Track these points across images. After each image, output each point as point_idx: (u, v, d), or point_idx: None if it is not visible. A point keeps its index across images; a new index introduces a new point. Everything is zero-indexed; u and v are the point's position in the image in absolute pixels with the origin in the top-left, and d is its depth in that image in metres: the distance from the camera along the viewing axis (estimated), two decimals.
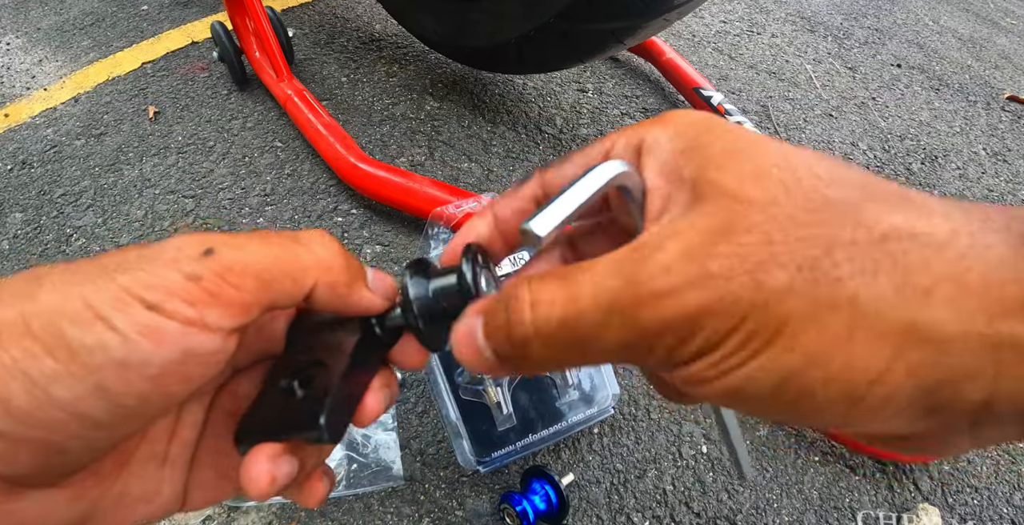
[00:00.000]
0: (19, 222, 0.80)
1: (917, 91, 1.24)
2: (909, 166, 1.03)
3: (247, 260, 0.18)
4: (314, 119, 0.87)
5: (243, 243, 0.18)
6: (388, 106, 1.02)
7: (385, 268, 0.76)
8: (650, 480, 0.59)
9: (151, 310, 0.16)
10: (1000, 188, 1.02)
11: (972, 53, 1.41)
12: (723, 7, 1.46)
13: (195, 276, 0.17)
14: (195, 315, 0.16)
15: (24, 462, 0.16)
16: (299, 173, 0.88)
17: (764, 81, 1.20)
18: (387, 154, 0.93)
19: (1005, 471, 0.64)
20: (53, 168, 0.88)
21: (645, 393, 0.66)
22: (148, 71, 1.06)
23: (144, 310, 0.16)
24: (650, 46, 1.11)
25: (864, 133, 1.10)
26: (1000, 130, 1.17)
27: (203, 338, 0.17)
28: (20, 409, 0.15)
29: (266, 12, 0.93)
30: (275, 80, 0.95)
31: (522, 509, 0.52)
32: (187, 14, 1.22)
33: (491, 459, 0.55)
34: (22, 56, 1.11)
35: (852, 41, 1.40)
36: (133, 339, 0.16)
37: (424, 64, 1.12)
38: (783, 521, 0.58)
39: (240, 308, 0.17)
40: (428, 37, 0.97)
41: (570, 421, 0.58)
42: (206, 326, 0.17)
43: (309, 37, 1.17)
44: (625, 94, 1.10)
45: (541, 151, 0.96)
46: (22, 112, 0.98)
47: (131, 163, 0.89)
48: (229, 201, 0.83)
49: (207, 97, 1.01)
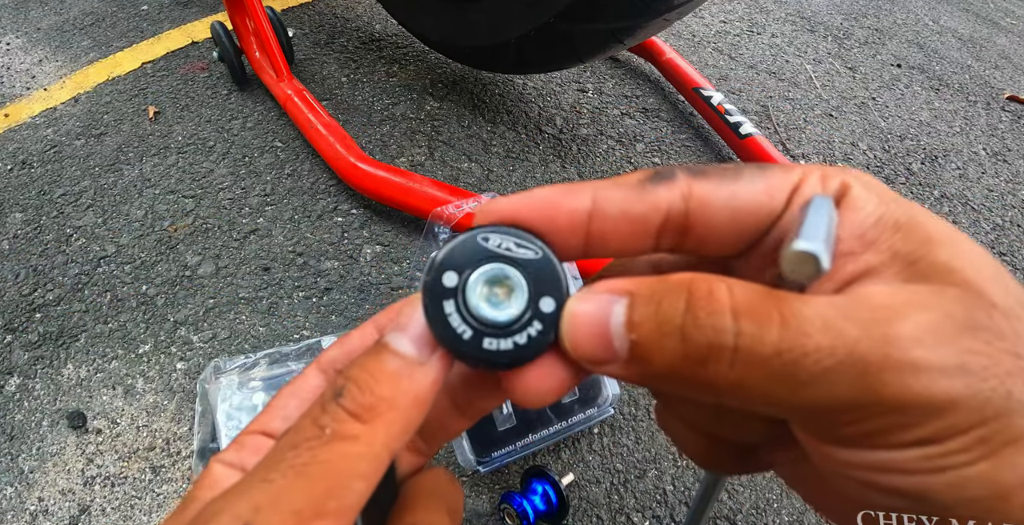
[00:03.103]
0: (19, 222, 0.80)
1: (917, 91, 1.24)
2: (909, 166, 1.03)
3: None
4: (314, 119, 0.87)
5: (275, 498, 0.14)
6: (388, 106, 1.02)
7: (385, 268, 0.76)
8: (650, 480, 0.59)
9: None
10: (1000, 188, 1.02)
11: (972, 53, 1.41)
12: (723, 7, 1.46)
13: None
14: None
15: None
16: (299, 173, 0.88)
17: (764, 81, 1.20)
18: (387, 154, 0.93)
19: None
20: (53, 168, 0.88)
21: (645, 393, 0.66)
22: (148, 71, 1.06)
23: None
24: (650, 46, 1.11)
25: (864, 133, 1.10)
26: (1000, 130, 1.17)
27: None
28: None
29: (266, 12, 0.93)
30: (275, 80, 0.95)
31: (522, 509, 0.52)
32: (187, 14, 1.22)
33: (491, 459, 0.55)
34: (22, 56, 1.11)
35: (852, 41, 1.40)
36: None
37: (424, 64, 1.12)
38: (783, 521, 0.58)
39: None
40: (428, 37, 0.97)
41: (570, 421, 0.58)
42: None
43: (309, 37, 1.17)
44: (625, 94, 1.10)
45: (541, 151, 0.96)
46: (22, 112, 0.98)
47: (131, 163, 0.89)
48: (229, 201, 0.83)
49: (207, 97, 1.01)
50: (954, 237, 0.15)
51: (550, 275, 0.16)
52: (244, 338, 0.68)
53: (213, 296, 0.72)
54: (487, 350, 0.16)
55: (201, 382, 0.61)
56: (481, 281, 0.16)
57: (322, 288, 0.73)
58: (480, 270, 0.16)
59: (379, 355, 0.16)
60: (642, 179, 0.16)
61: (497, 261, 0.16)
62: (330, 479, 0.14)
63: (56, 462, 0.58)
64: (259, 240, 0.79)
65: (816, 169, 0.16)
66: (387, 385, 0.15)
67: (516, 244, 0.16)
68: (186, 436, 0.60)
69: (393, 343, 0.16)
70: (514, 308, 0.16)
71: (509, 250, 0.16)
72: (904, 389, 0.13)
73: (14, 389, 0.64)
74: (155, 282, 0.73)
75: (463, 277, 0.16)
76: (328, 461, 0.14)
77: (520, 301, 0.16)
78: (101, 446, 0.60)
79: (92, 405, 0.62)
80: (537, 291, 0.16)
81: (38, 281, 0.73)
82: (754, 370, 0.13)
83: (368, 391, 0.15)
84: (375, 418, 0.15)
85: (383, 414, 0.15)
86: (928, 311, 0.13)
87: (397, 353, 0.16)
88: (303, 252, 0.77)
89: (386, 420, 0.15)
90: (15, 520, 0.55)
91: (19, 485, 0.57)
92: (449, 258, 0.16)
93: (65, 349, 0.67)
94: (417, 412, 0.16)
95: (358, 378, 0.16)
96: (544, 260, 0.16)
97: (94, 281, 0.73)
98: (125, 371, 0.65)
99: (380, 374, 0.16)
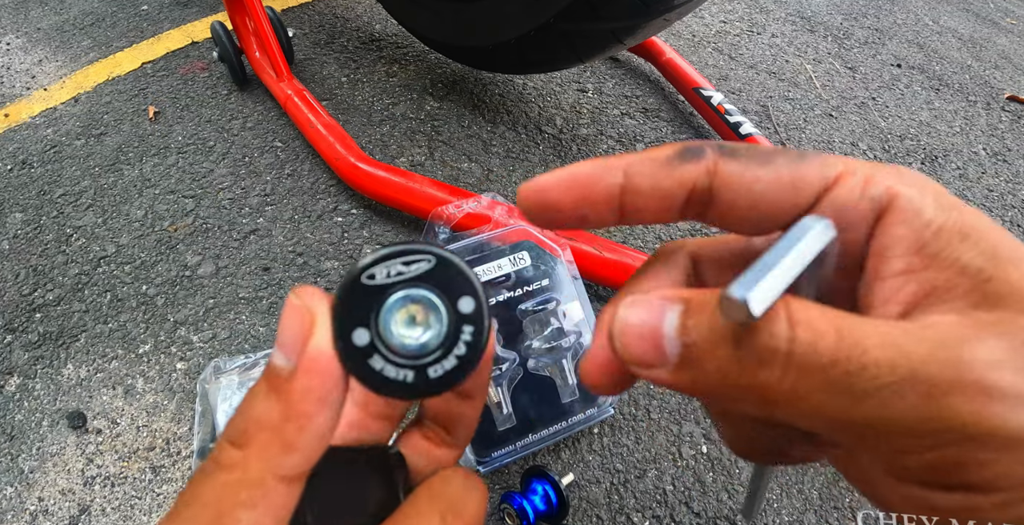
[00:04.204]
0: (19, 222, 0.80)
1: (917, 91, 1.24)
2: (909, 166, 1.03)
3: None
4: (314, 119, 0.87)
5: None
6: (388, 106, 1.02)
7: None
8: (650, 480, 0.59)
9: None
10: (1000, 188, 1.02)
11: (972, 53, 1.41)
12: (723, 7, 1.46)
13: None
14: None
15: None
16: (299, 173, 0.88)
17: (764, 81, 1.20)
18: (387, 154, 0.93)
19: None
20: (53, 168, 0.88)
21: (645, 393, 0.66)
22: (148, 71, 1.06)
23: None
24: (650, 46, 1.11)
25: (864, 133, 1.10)
26: (1000, 130, 1.17)
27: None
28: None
29: (266, 12, 0.93)
30: (275, 80, 0.95)
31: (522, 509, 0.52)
32: (187, 14, 1.22)
33: (491, 459, 0.55)
34: (22, 56, 1.11)
35: (852, 41, 1.40)
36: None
37: (424, 64, 1.12)
38: (783, 521, 0.58)
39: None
40: (428, 37, 0.97)
41: (570, 421, 0.58)
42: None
43: (309, 37, 1.17)
44: (625, 94, 1.10)
45: (541, 151, 0.96)
46: (22, 112, 0.98)
47: (131, 163, 0.89)
48: (229, 201, 0.83)
49: (207, 97, 1.01)
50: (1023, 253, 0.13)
51: (455, 275, 0.15)
52: (244, 338, 0.68)
53: (213, 296, 0.72)
54: (432, 381, 0.15)
55: (201, 382, 0.61)
56: (391, 322, 0.15)
57: (322, 288, 0.73)
58: (384, 311, 0.15)
59: (262, 377, 0.15)
60: (671, 155, 0.16)
61: (394, 291, 0.15)
62: (211, 512, 0.13)
63: (56, 462, 0.58)
64: (259, 240, 0.79)
65: (862, 167, 0.15)
66: (258, 404, 0.14)
67: (404, 263, 0.15)
68: (186, 436, 0.60)
69: (271, 358, 0.15)
70: (433, 329, 0.15)
71: (401, 274, 0.15)
72: (978, 416, 0.11)
73: (14, 389, 0.64)
74: (155, 282, 0.73)
75: (373, 328, 0.15)
76: (203, 494, 0.14)
77: (439, 320, 0.15)
78: (101, 446, 0.60)
79: (92, 405, 0.62)
80: (451, 298, 0.15)
81: (38, 281, 0.73)
82: (808, 378, 0.12)
83: (241, 414, 0.14)
84: (248, 442, 0.14)
85: (254, 436, 0.14)
86: (1005, 337, 0.12)
87: (269, 366, 0.15)
88: (303, 252, 0.77)
89: (259, 443, 0.14)
90: (15, 520, 0.55)
91: (19, 485, 0.57)
92: (348, 313, 0.15)
93: (65, 349, 0.67)
94: (296, 427, 0.14)
95: (241, 404, 0.15)
96: (439, 263, 0.15)
97: (94, 281, 0.73)
98: (125, 371, 0.65)
99: (252, 394, 0.15)
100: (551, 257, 0.57)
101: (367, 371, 0.15)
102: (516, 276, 0.55)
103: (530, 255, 0.56)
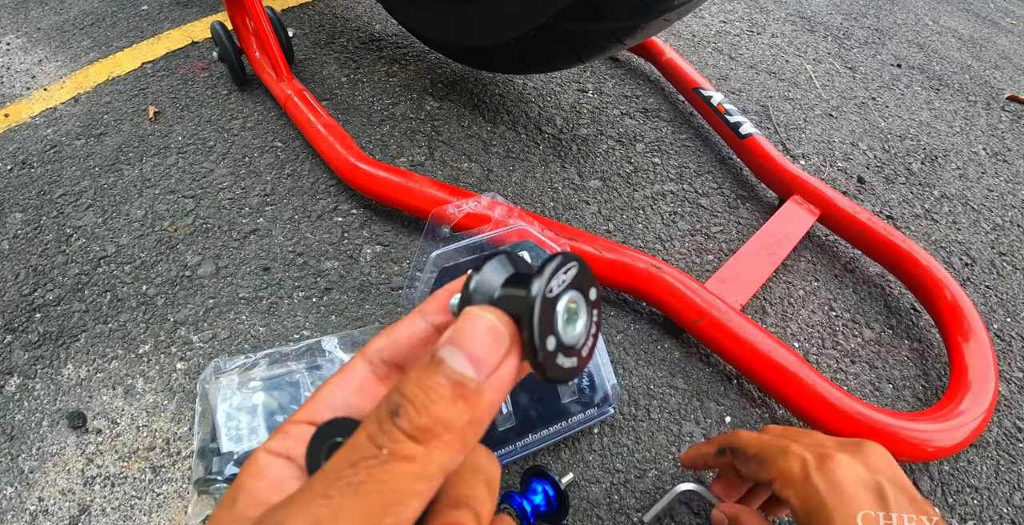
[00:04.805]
0: (19, 222, 0.80)
1: (917, 91, 1.24)
2: (909, 166, 1.03)
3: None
4: (314, 119, 0.87)
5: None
6: (388, 106, 1.02)
7: (385, 268, 0.76)
8: (650, 480, 0.59)
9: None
10: (1000, 188, 1.02)
11: (972, 53, 1.41)
12: (723, 7, 1.46)
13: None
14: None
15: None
16: (299, 173, 0.88)
17: (764, 81, 1.20)
18: (387, 154, 0.93)
19: (1005, 471, 0.64)
20: (53, 168, 0.88)
21: (645, 393, 0.66)
22: (148, 71, 1.06)
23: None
24: (650, 46, 1.11)
25: (864, 133, 1.10)
26: (1000, 130, 1.17)
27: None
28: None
29: (266, 12, 0.93)
30: (275, 80, 0.95)
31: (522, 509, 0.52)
32: (187, 14, 1.22)
33: None
34: (22, 56, 1.11)
35: (852, 41, 1.40)
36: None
37: (424, 64, 1.12)
38: (783, 521, 0.58)
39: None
40: (428, 37, 0.97)
41: (570, 421, 0.58)
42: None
43: (309, 37, 1.17)
44: (625, 94, 1.10)
45: (541, 151, 0.96)
46: (22, 112, 0.98)
47: (131, 163, 0.89)
48: (229, 201, 0.83)
49: (207, 97, 1.01)
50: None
51: (585, 272, 0.18)
52: (244, 338, 0.68)
53: (213, 296, 0.72)
54: (584, 359, 0.18)
55: (201, 382, 0.61)
56: (564, 323, 0.18)
57: (322, 288, 0.73)
58: (558, 317, 0.17)
59: (435, 373, 0.16)
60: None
61: (561, 298, 0.17)
62: (386, 497, 0.14)
63: (56, 462, 0.58)
64: (259, 240, 0.79)
65: (789, 472, 0.31)
66: (444, 406, 0.15)
67: (564, 272, 0.18)
68: (186, 436, 0.60)
69: (450, 361, 0.16)
70: (583, 319, 0.18)
71: (564, 282, 0.18)
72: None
73: (14, 389, 0.64)
74: (155, 282, 0.73)
75: (556, 333, 0.17)
76: (385, 480, 0.14)
77: (585, 312, 0.18)
78: (101, 446, 0.60)
79: (92, 405, 0.62)
80: (585, 291, 0.18)
81: (38, 281, 0.73)
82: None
83: (424, 412, 0.15)
84: (431, 440, 0.15)
85: (439, 436, 0.15)
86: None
87: (455, 372, 0.16)
88: (303, 252, 0.77)
89: (443, 442, 0.15)
90: (15, 520, 0.55)
91: (19, 485, 0.57)
92: (541, 326, 0.17)
93: (65, 349, 0.67)
94: (474, 432, 0.16)
95: (414, 397, 0.16)
96: (580, 266, 0.18)
97: (94, 281, 0.73)
98: (125, 371, 0.65)
99: (436, 395, 0.15)
100: None
101: (557, 370, 0.17)
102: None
103: (530, 255, 0.56)
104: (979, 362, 0.64)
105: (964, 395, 0.61)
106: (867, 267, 0.83)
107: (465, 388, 0.16)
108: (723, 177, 0.95)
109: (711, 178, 0.95)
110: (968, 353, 0.65)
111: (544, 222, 0.71)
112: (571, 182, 0.91)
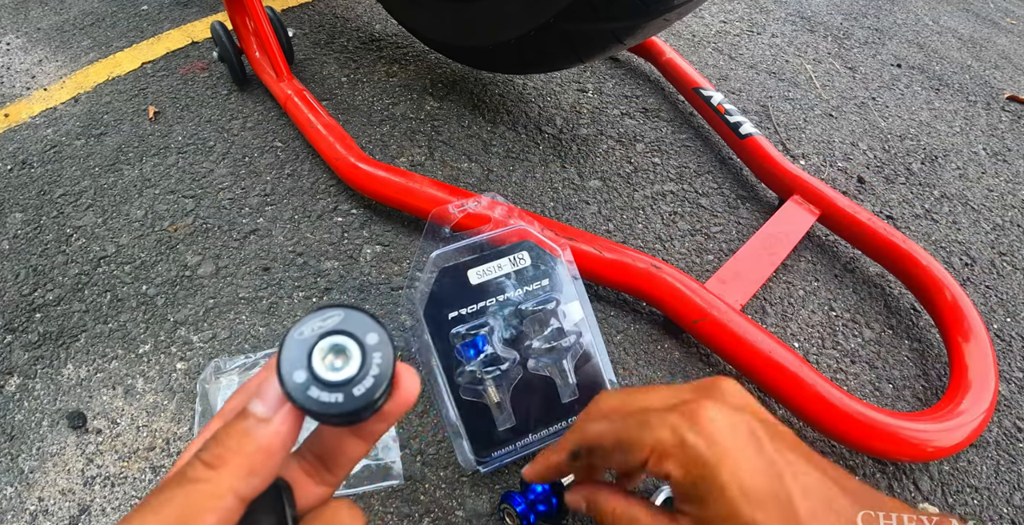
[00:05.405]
0: (19, 222, 0.80)
1: (917, 91, 1.24)
2: (909, 166, 1.04)
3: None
4: (314, 119, 0.87)
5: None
6: (388, 106, 1.02)
7: (385, 268, 0.76)
8: (650, 479, 0.59)
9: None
10: (1000, 188, 1.02)
11: (972, 53, 1.41)
12: (723, 7, 1.46)
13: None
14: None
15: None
16: (299, 173, 0.88)
17: (764, 81, 1.20)
18: (387, 154, 0.93)
19: (1005, 471, 0.64)
20: (53, 168, 0.88)
21: None
22: (148, 71, 1.06)
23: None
24: (650, 46, 1.11)
25: (864, 133, 1.10)
26: (1000, 130, 1.17)
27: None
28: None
29: (266, 12, 0.93)
30: (275, 80, 0.95)
31: (522, 509, 0.52)
32: (187, 14, 1.22)
33: (491, 459, 0.55)
34: (22, 56, 1.12)
35: (852, 41, 1.40)
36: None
37: (424, 64, 1.12)
38: None
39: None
40: (428, 37, 0.97)
41: (570, 421, 0.58)
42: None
43: (309, 37, 1.17)
44: (625, 94, 1.10)
45: (541, 151, 0.96)
46: (22, 112, 0.98)
47: (131, 163, 0.89)
48: (229, 201, 0.83)
49: (207, 97, 1.01)
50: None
51: (361, 319, 0.21)
52: (244, 338, 0.68)
53: (213, 296, 0.72)
54: (357, 397, 0.20)
55: (201, 382, 0.61)
56: (319, 361, 0.20)
57: (322, 288, 0.73)
58: (312, 354, 0.20)
59: (239, 417, 0.20)
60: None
61: (318, 339, 0.20)
62: (183, 513, 0.18)
63: (56, 462, 0.59)
64: (259, 240, 0.79)
65: (668, 439, 0.30)
66: (235, 438, 0.19)
67: (322, 320, 0.21)
68: (186, 436, 0.60)
69: (250, 407, 0.20)
70: (353, 361, 0.20)
71: (320, 327, 0.20)
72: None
73: (14, 389, 0.64)
74: (155, 282, 0.73)
75: (308, 369, 0.20)
76: (175, 498, 0.18)
77: (354, 353, 0.20)
78: (101, 446, 0.60)
79: (92, 405, 0.62)
80: (360, 336, 0.20)
81: (38, 281, 0.73)
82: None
83: (220, 444, 0.19)
84: (221, 465, 0.19)
85: (228, 461, 0.19)
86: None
87: (252, 414, 0.20)
88: (303, 252, 0.77)
89: (231, 466, 0.19)
90: (15, 520, 0.55)
91: (19, 485, 0.57)
92: (288, 361, 0.20)
93: (65, 349, 0.67)
94: (263, 458, 0.19)
95: (218, 435, 0.20)
96: (347, 314, 0.21)
97: (94, 281, 0.73)
98: (125, 371, 0.65)
99: (233, 430, 0.20)
100: (551, 257, 0.57)
101: (305, 399, 0.19)
102: (516, 276, 0.55)
103: (530, 255, 0.56)
104: (979, 362, 0.64)
105: (964, 395, 0.61)
106: (867, 267, 0.83)
107: (256, 423, 0.20)
108: (723, 177, 0.95)
109: (711, 178, 0.95)
110: (968, 353, 0.65)
111: (544, 222, 0.71)
112: (571, 182, 0.91)
